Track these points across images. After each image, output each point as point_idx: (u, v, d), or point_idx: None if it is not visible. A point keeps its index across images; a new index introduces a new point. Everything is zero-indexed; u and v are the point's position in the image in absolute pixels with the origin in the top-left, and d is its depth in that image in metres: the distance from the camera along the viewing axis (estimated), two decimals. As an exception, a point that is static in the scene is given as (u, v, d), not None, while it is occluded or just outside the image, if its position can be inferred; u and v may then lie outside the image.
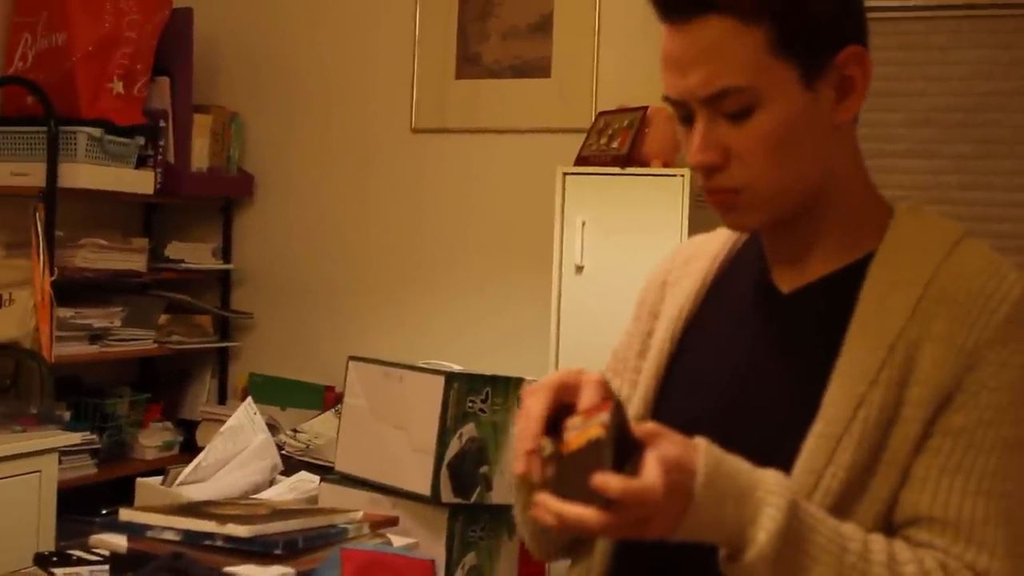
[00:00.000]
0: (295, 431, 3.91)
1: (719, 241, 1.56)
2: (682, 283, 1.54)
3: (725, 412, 1.40)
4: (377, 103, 4.50)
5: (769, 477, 1.23)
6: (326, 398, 4.31)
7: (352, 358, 2.89)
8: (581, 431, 1.19)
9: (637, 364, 1.55)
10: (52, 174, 3.89)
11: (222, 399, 4.66)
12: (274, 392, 4.28)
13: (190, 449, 4.38)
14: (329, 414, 4.14)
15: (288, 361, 4.54)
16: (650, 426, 1.20)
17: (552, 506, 1.16)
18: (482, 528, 2.60)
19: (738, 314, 1.47)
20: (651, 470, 1.15)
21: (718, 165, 1.34)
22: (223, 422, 4.21)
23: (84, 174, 3.96)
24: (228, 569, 2.11)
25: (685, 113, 1.36)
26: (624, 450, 1.16)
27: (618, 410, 1.18)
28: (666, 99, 1.37)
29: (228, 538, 2.19)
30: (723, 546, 1.23)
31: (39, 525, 3.56)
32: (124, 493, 4.12)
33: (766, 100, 1.30)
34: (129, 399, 4.33)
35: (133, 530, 2.27)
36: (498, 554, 2.61)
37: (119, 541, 2.27)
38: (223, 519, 2.24)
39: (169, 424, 4.48)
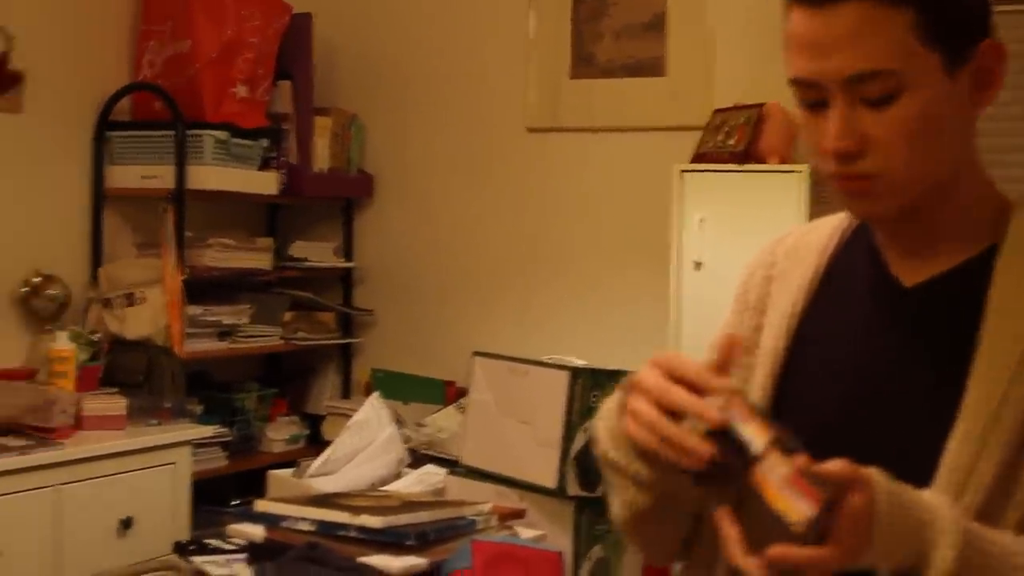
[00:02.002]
0: (418, 425, 3.99)
1: (823, 233, 1.51)
2: (789, 276, 1.50)
3: (856, 411, 1.38)
4: (493, 103, 4.55)
5: (942, 512, 1.22)
6: (447, 393, 4.37)
7: (477, 353, 2.95)
8: (789, 497, 1.17)
9: (747, 360, 1.49)
10: (180, 176, 4.01)
11: (346, 394, 4.75)
12: (396, 387, 4.35)
13: (316, 442, 4.47)
14: (451, 408, 4.21)
15: (409, 357, 4.61)
16: (837, 467, 1.18)
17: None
18: (608, 521, 2.64)
19: (857, 308, 1.44)
20: (841, 538, 1.16)
21: (856, 152, 1.31)
22: (348, 416, 4.31)
23: (211, 176, 4.07)
24: (361, 559, 2.18)
25: (816, 99, 1.33)
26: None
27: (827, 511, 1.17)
28: (795, 82, 1.34)
29: (361, 529, 2.26)
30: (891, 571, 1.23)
31: (174, 515, 3.68)
32: (253, 485, 4.24)
33: (910, 86, 1.28)
34: (257, 394, 4.44)
35: (269, 520, 2.35)
36: (624, 547, 2.65)
37: (256, 531, 2.35)
38: (356, 510, 2.31)
39: (295, 418, 4.58)
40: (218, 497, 4.16)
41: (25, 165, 3.97)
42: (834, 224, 1.52)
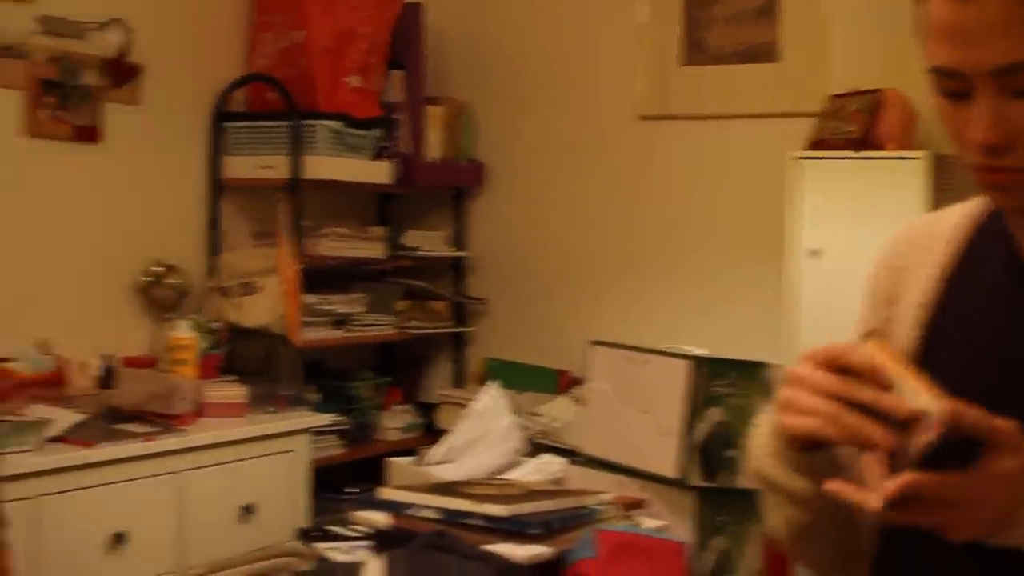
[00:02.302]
0: (532, 414, 3.99)
1: (948, 223, 1.48)
2: (917, 267, 1.47)
3: (995, 399, 1.36)
4: (603, 91, 4.53)
5: None
6: (560, 382, 4.38)
7: (594, 342, 2.94)
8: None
9: None
10: (296, 166, 4.05)
11: (459, 382, 4.77)
12: (509, 376, 4.36)
13: (430, 431, 4.50)
14: (564, 398, 4.22)
15: (521, 345, 4.62)
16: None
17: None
18: (729, 512, 2.62)
19: (992, 295, 1.40)
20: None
21: (1004, 145, 1.26)
22: (462, 405, 4.34)
23: (325, 166, 4.10)
24: (486, 547, 2.19)
25: (958, 88, 1.28)
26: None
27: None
28: (936, 71, 1.29)
29: (486, 517, 2.26)
30: None
31: (293, 502, 3.72)
32: (368, 472, 4.29)
33: None
34: (371, 382, 4.47)
35: (393, 508, 2.37)
36: (746, 538, 2.64)
37: (380, 518, 2.37)
38: (480, 498, 2.31)
39: (409, 407, 4.62)
40: (334, 484, 4.21)
41: (144, 156, 4.04)
42: (962, 212, 1.48)
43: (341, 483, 4.25)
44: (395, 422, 4.51)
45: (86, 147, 3.85)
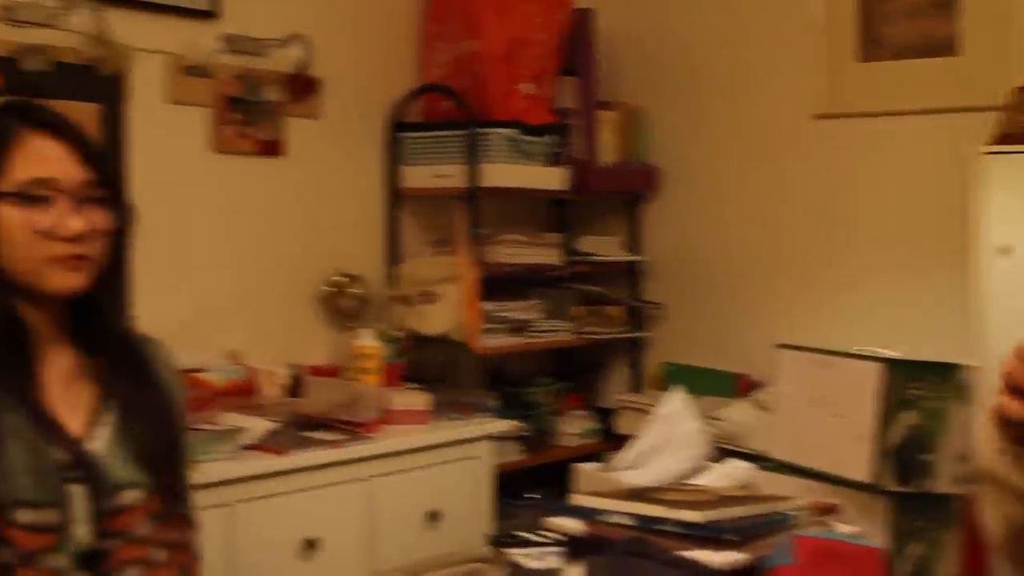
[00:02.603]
0: (711, 419, 3.96)
1: None
2: None
3: None
4: (777, 90, 4.47)
5: None
6: (739, 386, 4.34)
7: (780, 345, 2.89)
8: None
9: None
10: (472, 175, 4.09)
11: (636, 387, 4.76)
12: (687, 380, 4.31)
13: (609, 436, 4.51)
14: (745, 402, 4.17)
15: (699, 349, 4.59)
16: None
17: None
18: (926, 517, 2.56)
19: None
20: None
21: None
22: (640, 410, 4.33)
23: (501, 173, 4.13)
24: (682, 554, 2.17)
25: None
26: None
27: None
28: None
29: (680, 523, 2.25)
30: None
31: (478, 508, 3.75)
32: (547, 478, 4.31)
33: None
34: (549, 388, 4.49)
35: (586, 514, 2.37)
36: (944, 544, 2.57)
37: (573, 524, 2.37)
38: (674, 504, 2.30)
39: (587, 412, 4.62)
40: (514, 490, 4.23)
41: (325, 168, 4.13)
42: None
43: (521, 488, 4.27)
44: (573, 427, 4.52)
45: (269, 161, 3.95)
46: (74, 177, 1.70)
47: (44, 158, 1.69)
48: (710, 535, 2.21)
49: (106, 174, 1.76)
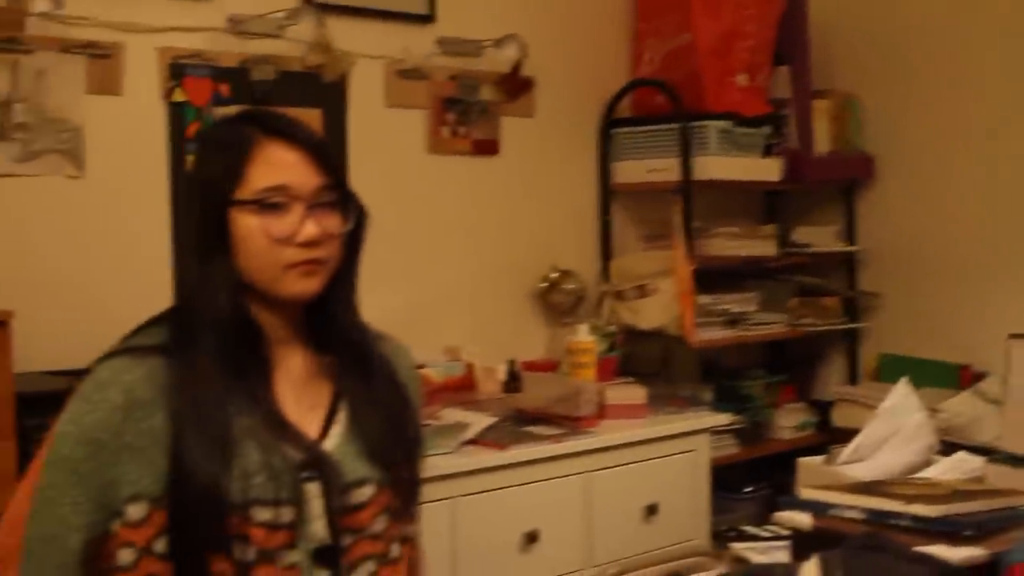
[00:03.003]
0: (932, 410, 3.86)
1: None
2: None
3: None
4: (994, 71, 4.33)
5: None
6: (961, 376, 4.22)
7: (1013, 335, 2.81)
8: None
9: None
10: (686, 168, 4.07)
11: (853, 379, 4.68)
12: (905, 372, 4.19)
13: (825, 429, 4.44)
14: (967, 393, 4.06)
15: (918, 340, 4.48)
16: None
17: None
18: None
19: None
20: None
21: None
22: (858, 403, 4.26)
23: (715, 166, 4.10)
24: (918, 549, 2.13)
25: None
26: None
27: None
28: None
29: (915, 518, 2.20)
30: None
31: (695, 501, 3.74)
32: (760, 471, 4.26)
33: None
34: (764, 381, 4.45)
35: (816, 508, 2.34)
36: None
37: (803, 519, 2.34)
38: (908, 499, 2.25)
39: (802, 404, 4.56)
40: (727, 484, 4.20)
41: (538, 166, 4.17)
42: None
43: (735, 482, 4.25)
44: (788, 420, 4.47)
45: (484, 160, 4.00)
46: (309, 183, 1.72)
47: (281, 165, 1.71)
48: (947, 530, 2.16)
49: (338, 178, 1.77)
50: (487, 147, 3.99)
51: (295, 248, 1.70)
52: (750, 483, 4.36)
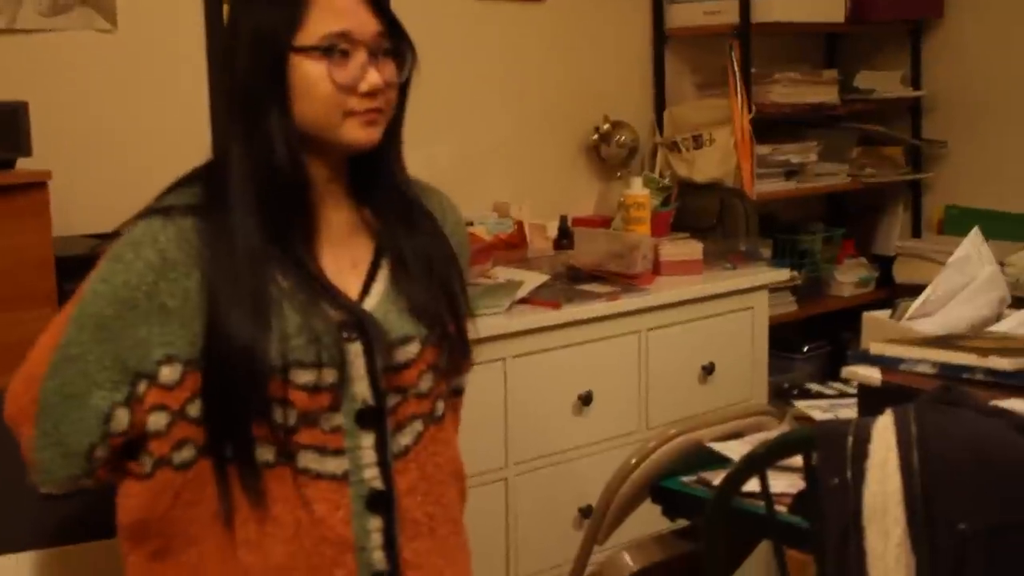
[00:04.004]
0: (1002, 264, 3.73)
1: None
2: None
3: None
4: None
5: None
6: (1030, 229, 4.08)
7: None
8: None
9: None
10: (745, 9, 3.90)
11: (916, 233, 4.53)
12: (972, 224, 4.08)
13: (886, 284, 4.32)
14: (1038, 245, 3.93)
15: (986, 191, 4.32)
16: None
17: None
18: None
19: None
20: None
21: None
22: (921, 257, 4.13)
23: (775, 6, 3.91)
24: (995, 403, 2.02)
25: None
26: None
27: None
28: None
29: (989, 371, 2.11)
30: None
31: (752, 360, 3.64)
32: (820, 329, 4.16)
33: None
34: (823, 235, 4.31)
35: (886, 363, 2.23)
36: None
37: (871, 373, 2.24)
38: (982, 352, 2.15)
39: (863, 260, 4.43)
40: (786, 343, 4.10)
41: (589, 10, 4.01)
42: None
43: (792, 341, 4.15)
44: (848, 276, 4.34)
45: (532, 5, 3.85)
46: (369, 29, 1.66)
47: (341, 10, 1.65)
48: (1020, 383, 2.06)
49: (395, 24, 1.71)
50: (533, -8, 3.84)
51: (357, 97, 1.65)
52: (807, 342, 4.27)
